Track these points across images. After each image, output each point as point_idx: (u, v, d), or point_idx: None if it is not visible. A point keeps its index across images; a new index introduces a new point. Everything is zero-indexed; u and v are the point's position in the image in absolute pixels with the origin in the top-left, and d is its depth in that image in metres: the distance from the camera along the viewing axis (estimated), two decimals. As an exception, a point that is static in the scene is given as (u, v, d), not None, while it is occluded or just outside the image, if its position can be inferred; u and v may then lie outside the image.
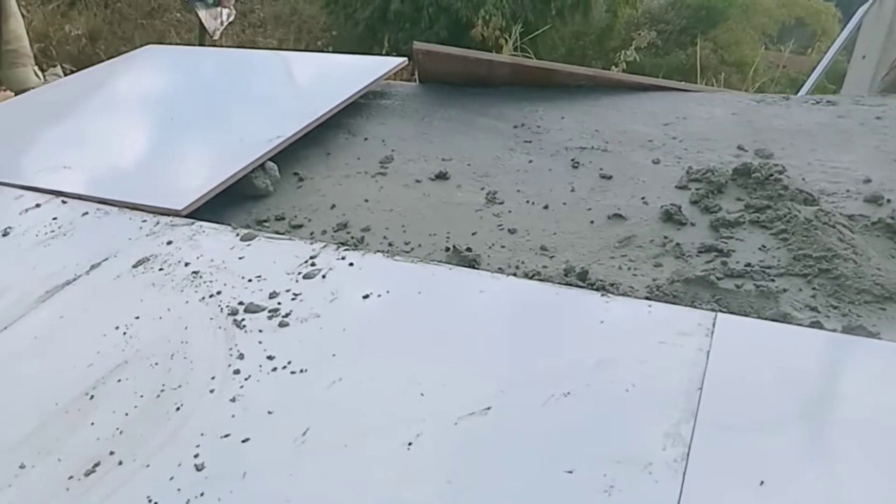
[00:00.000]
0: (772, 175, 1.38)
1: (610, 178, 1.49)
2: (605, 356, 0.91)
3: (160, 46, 2.61)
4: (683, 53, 10.81)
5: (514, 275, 1.20)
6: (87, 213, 1.41)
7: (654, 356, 0.91)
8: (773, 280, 1.12)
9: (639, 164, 1.54)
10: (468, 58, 1.93)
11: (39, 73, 2.73)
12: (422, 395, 0.88)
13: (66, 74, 9.36)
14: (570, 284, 1.14)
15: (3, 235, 1.36)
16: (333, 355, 0.96)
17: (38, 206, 1.45)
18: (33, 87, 2.64)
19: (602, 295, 1.02)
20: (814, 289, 1.08)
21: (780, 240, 1.22)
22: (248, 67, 2.24)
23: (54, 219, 1.40)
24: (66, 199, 1.47)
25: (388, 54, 9.64)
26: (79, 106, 2.05)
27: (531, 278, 1.18)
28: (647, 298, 1.11)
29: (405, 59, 2.08)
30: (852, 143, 1.58)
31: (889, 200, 1.31)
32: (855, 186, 1.38)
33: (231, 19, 8.07)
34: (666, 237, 1.27)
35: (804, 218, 1.23)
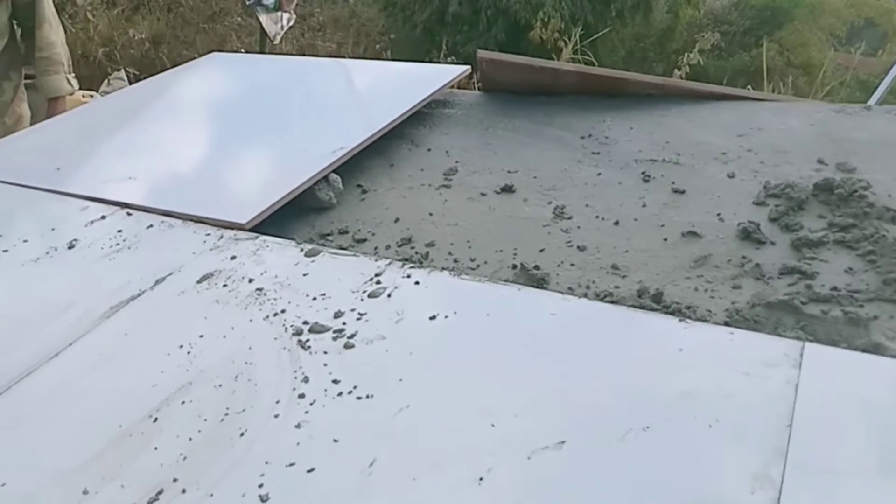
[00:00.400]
0: (856, 191, 1.30)
1: (683, 192, 1.43)
2: (685, 388, 0.86)
3: (224, 54, 2.64)
4: (747, 55, 10.54)
5: (586, 295, 1.15)
6: (151, 225, 1.41)
7: (738, 389, 0.85)
8: (861, 306, 1.04)
9: (713, 178, 1.47)
10: (533, 66, 1.89)
11: (73, 80, 2.75)
12: (492, 425, 0.84)
13: (129, 78, 9.66)
14: (645, 307, 1.09)
15: (69, 248, 1.38)
16: (400, 380, 0.93)
17: (103, 217, 1.47)
18: (66, 95, 2.67)
19: (680, 320, 0.96)
20: (910, 317, 1.01)
21: (867, 262, 1.14)
22: (310, 76, 2.24)
23: (119, 231, 1.41)
24: (130, 210, 1.48)
25: (445, 57, 9.68)
26: (143, 115, 2.08)
27: (603, 299, 1.13)
28: (726, 323, 1.05)
29: (468, 66, 2.05)
30: (947, 155, 1.48)
31: None
32: (953, 203, 1.28)
33: (291, 23, 8.20)
34: (744, 257, 1.20)
35: (893, 238, 1.15)
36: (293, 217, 1.48)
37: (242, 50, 10.73)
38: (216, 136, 1.85)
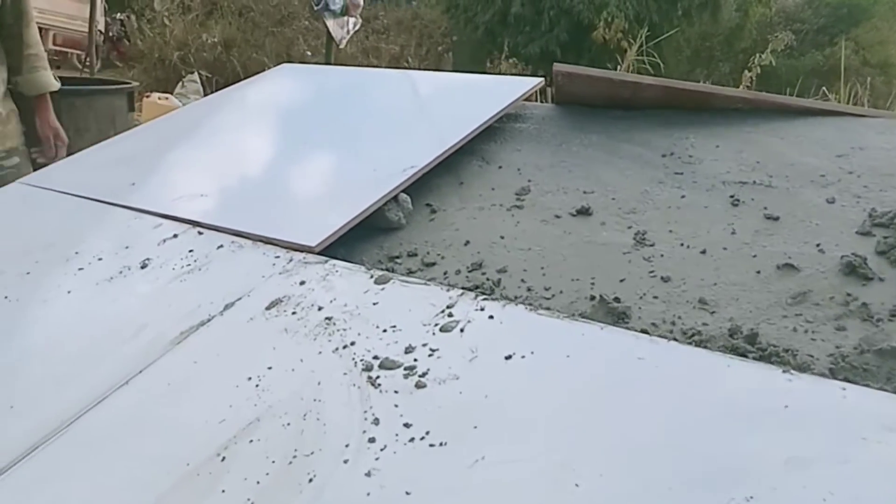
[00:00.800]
0: (985, 222, 1.18)
1: (776, 219, 1.33)
2: (793, 452, 0.77)
3: (293, 65, 2.64)
4: (820, 54, 10.14)
5: (671, 332, 1.08)
6: (221, 245, 1.40)
7: (855, 456, 0.76)
8: None
9: (810, 204, 1.37)
10: (612, 80, 1.81)
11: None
12: (576, 485, 0.78)
13: (202, 80, 9.90)
14: (738, 349, 1.01)
15: (142, 268, 1.38)
16: (475, 427, 0.87)
17: (175, 236, 1.46)
18: (53, 90, 2.66)
19: (784, 371, 0.88)
20: None
21: None
22: (379, 88, 2.21)
23: (190, 251, 1.40)
24: (202, 229, 1.47)
25: (506, 58, 9.58)
26: (214, 129, 2.09)
27: (691, 338, 1.05)
28: (830, 370, 0.96)
29: (542, 79, 1.98)
30: None
31: None
32: None
33: (357, 28, 8.28)
34: (849, 294, 1.10)
35: None
36: (361, 237, 1.44)
37: (309, 52, 10.92)
38: (285, 152, 1.84)
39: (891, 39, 10.02)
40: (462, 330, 1.05)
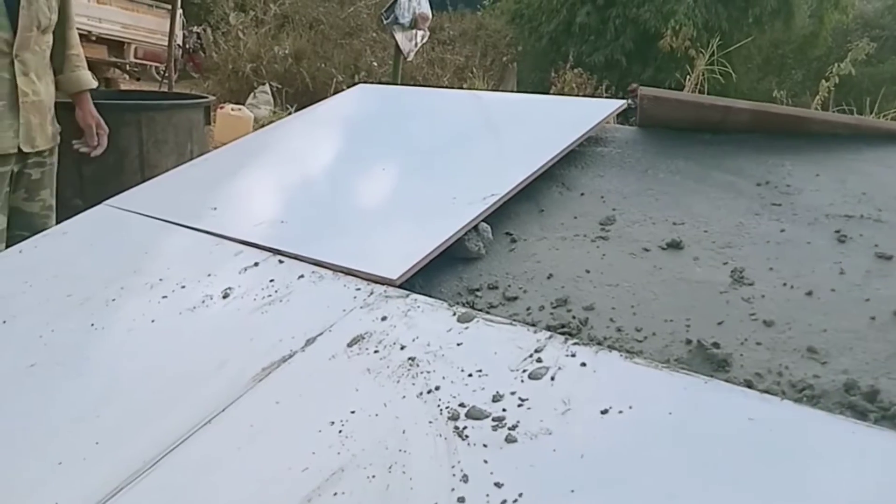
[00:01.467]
0: None
1: (890, 258, 1.23)
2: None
3: (369, 86, 2.64)
4: (904, 61, 9.65)
5: (778, 384, 1.00)
6: (302, 275, 1.39)
7: None
8: None
9: (932, 243, 1.26)
10: (702, 104, 1.73)
11: None
12: (686, 564, 0.72)
13: (272, 91, 10.12)
14: (856, 407, 0.92)
15: (224, 297, 1.37)
16: (572, 491, 0.82)
17: (256, 264, 1.46)
18: (93, 87, 2.76)
19: (917, 442, 0.80)
20: None
21: None
22: (454, 111, 2.18)
23: (271, 281, 1.39)
24: (282, 258, 1.47)
25: (571, 68, 9.47)
26: (292, 153, 2.09)
27: (801, 391, 0.98)
28: (966, 437, 0.86)
29: (625, 101, 1.91)
30: None
31: None
32: None
33: (425, 40, 8.33)
34: (985, 350, 1.00)
35: None
36: (440, 267, 1.41)
37: (376, 64, 11.04)
38: (363, 178, 1.83)
39: None
40: (552, 378, 1.00)
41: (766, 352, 1.07)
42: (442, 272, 1.41)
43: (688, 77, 6.83)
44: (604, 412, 0.92)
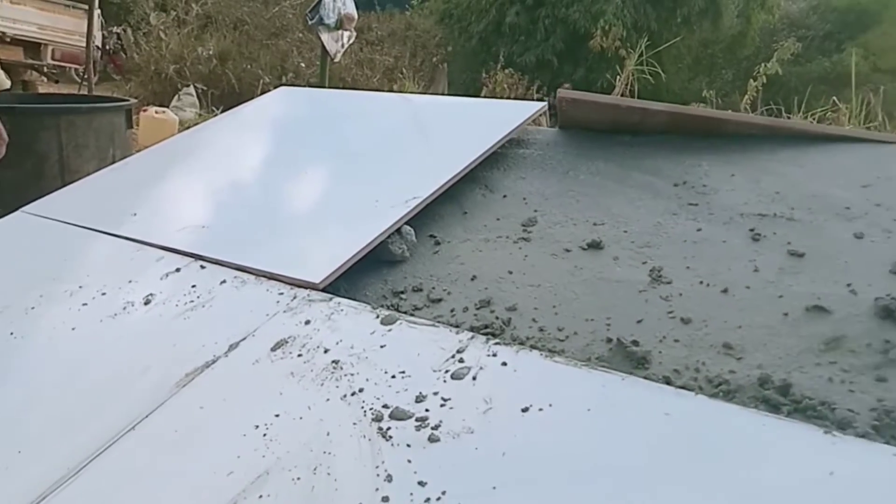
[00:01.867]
0: None
1: (802, 255, 1.28)
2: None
3: (292, 89, 2.61)
4: (827, 61, 10.08)
5: (695, 380, 1.03)
6: (224, 280, 1.36)
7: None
8: None
9: (837, 239, 1.32)
10: (619, 106, 1.77)
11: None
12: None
13: (197, 93, 9.86)
14: (770, 400, 0.96)
15: (146, 304, 1.34)
16: (494, 488, 0.83)
17: (177, 270, 1.43)
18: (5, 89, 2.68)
19: (826, 432, 0.83)
20: None
21: None
22: (378, 114, 2.18)
23: (193, 286, 1.36)
24: (204, 263, 1.43)
25: (502, 69, 9.55)
26: (213, 157, 2.05)
27: (717, 386, 1.01)
28: (874, 427, 0.90)
29: (545, 103, 1.95)
30: None
31: None
32: None
33: (351, 41, 8.27)
34: (887, 341, 1.04)
35: None
36: (364, 271, 1.40)
37: (303, 65, 10.88)
38: (286, 182, 1.80)
39: (901, 45, 9.97)
40: (474, 378, 1.01)
41: (683, 349, 1.10)
42: (366, 275, 1.41)
43: (618, 78, 6.98)
44: (524, 410, 0.93)
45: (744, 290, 1.21)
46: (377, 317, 1.19)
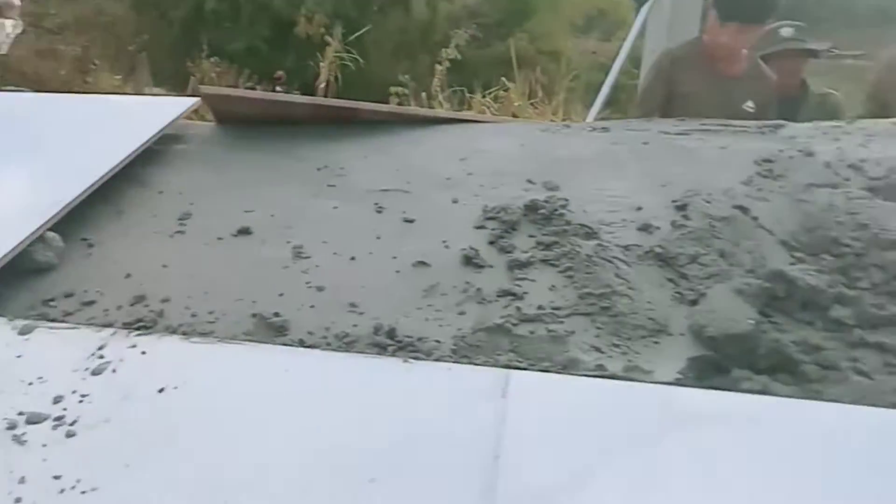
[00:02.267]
0: (556, 210, 1.46)
1: (412, 221, 1.51)
2: (410, 431, 0.93)
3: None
4: (503, 45, 11.15)
5: (325, 339, 1.18)
6: None
7: (451, 426, 0.94)
8: (562, 322, 1.18)
9: (439, 205, 1.57)
10: (265, 100, 1.88)
11: None
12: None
13: None
14: (380, 344, 1.14)
15: None
16: (126, 466, 0.90)
17: None
18: None
19: (404, 361, 1.03)
20: (597, 328, 1.16)
21: (566, 278, 1.29)
22: (21, 115, 2.04)
23: None
24: None
25: (208, 57, 9.12)
26: None
27: (342, 340, 1.17)
28: (453, 351, 1.13)
29: (198, 98, 1.99)
30: (625, 170, 1.70)
31: (658, 228, 1.43)
32: (630, 215, 1.49)
33: (19, 31, 7.33)
34: (468, 282, 1.30)
35: (585, 254, 1.32)
36: (10, 282, 1.35)
37: (-44, 62, 9.39)
38: None
39: (555, 31, 11.34)
40: (114, 371, 1.06)
41: (317, 313, 1.25)
42: (10, 288, 1.35)
43: (321, 64, 7.13)
44: (160, 391, 1.01)
45: (367, 255, 1.40)
46: (13, 328, 1.17)
